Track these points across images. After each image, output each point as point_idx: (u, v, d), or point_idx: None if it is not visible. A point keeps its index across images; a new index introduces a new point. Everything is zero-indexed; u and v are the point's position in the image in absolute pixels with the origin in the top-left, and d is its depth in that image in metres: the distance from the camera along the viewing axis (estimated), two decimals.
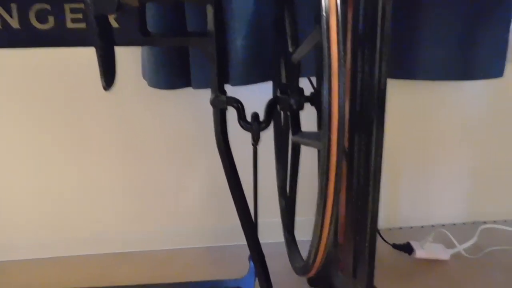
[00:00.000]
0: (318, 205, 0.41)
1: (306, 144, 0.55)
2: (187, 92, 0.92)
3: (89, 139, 0.98)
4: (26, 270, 0.99)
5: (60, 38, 0.55)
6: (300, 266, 0.54)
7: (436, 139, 1.11)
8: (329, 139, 0.38)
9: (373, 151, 0.51)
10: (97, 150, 0.99)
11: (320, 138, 0.41)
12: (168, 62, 0.83)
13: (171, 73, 0.84)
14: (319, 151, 0.64)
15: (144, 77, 0.90)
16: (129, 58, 0.92)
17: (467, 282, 0.92)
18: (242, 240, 1.05)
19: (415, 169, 1.13)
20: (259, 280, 0.65)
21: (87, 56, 0.91)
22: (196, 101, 0.97)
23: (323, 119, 0.38)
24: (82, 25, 0.53)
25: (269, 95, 0.81)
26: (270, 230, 0.88)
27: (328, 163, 0.39)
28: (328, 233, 0.42)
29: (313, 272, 0.48)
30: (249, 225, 0.63)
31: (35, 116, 0.95)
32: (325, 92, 0.37)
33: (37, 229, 1.04)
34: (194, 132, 1.00)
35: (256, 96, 0.73)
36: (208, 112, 0.97)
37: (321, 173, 0.39)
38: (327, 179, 0.39)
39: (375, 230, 0.53)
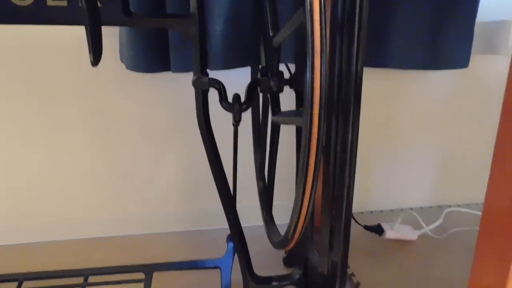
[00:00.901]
0: (299, 177, 0.43)
1: (288, 123, 0.57)
2: (165, 76, 0.93)
3: (63, 123, 0.97)
4: None
5: (39, 15, 0.54)
6: (279, 240, 0.56)
7: (404, 126, 1.16)
8: (311, 114, 0.40)
9: (349, 135, 0.53)
10: (72, 134, 0.98)
11: (301, 114, 0.43)
12: (147, 45, 0.83)
13: (150, 56, 0.84)
14: (298, 130, 0.66)
15: (122, 60, 0.90)
16: (106, 42, 0.91)
17: (433, 260, 0.97)
18: (219, 224, 1.08)
19: (384, 156, 1.18)
20: (239, 258, 0.67)
21: (64, 37, 0.90)
22: (174, 86, 0.98)
23: (305, 95, 0.41)
24: (63, 3, 0.52)
25: (247, 80, 0.83)
26: (247, 214, 0.90)
27: (310, 137, 0.41)
28: (308, 205, 0.45)
29: (292, 244, 0.50)
30: (230, 204, 0.64)
31: (8, 97, 0.93)
32: (308, 69, 0.39)
33: (8, 214, 1.01)
34: (171, 116, 1.00)
35: (233, 81, 0.74)
36: (185, 97, 0.99)
37: (303, 147, 0.42)
38: (309, 151, 0.41)
39: (350, 208, 0.56)
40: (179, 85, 0.96)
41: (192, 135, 1.02)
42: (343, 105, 0.52)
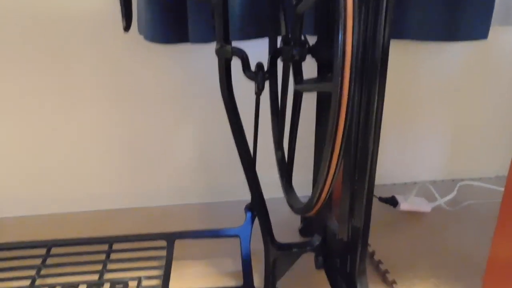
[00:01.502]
0: (328, 141, 0.44)
1: (313, 90, 0.57)
2: (182, 48, 0.93)
3: (80, 95, 0.97)
4: (18, 226, 1.00)
5: None
6: (303, 205, 0.57)
7: (419, 99, 1.15)
8: (342, 77, 0.41)
9: (375, 102, 0.54)
10: (89, 104, 0.98)
11: (329, 80, 0.43)
12: (166, 15, 0.83)
13: (168, 27, 0.84)
14: (319, 99, 0.67)
15: (139, 32, 0.90)
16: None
17: (447, 231, 0.99)
18: (236, 197, 1.10)
19: (398, 129, 1.18)
20: (260, 223, 0.69)
21: (83, 7, 0.90)
22: (190, 57, 0.98)
23: (335, 59, 0.41)
24: None
25: (263, 50, 0.83)
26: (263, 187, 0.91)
27: (340, 101, 0.41)
28: (336, 168, 0.46)
29: (317, 207, 0.51)
30: (252, 171, 0.66)
31: (24, 66, 0.93)
32: (340, 31, 0.39)
33: (23, 186, 1.03)
34: (188, 88, 1.01)
35: (251, 52, 0.74)
36: (204, 69, 0.99)
37: (333, 111, 0.42)
38: (338, 114, 0.42)
39: (374, 174, 0.57)
40: (196, 56, 0.97)
41: (209, 107, 1.03)
42: (369, 72, 0.52)
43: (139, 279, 0.74)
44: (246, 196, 1.10)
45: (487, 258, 0.47)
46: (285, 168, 0.73)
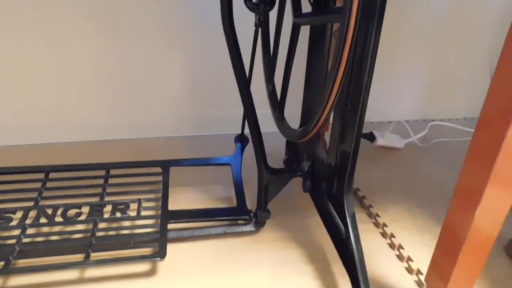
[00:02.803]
0: (332, 67, 0.48)
1: (318, 22, 0.60)
2: None
3: (70, 27, 0.96)
4: (13, 155, 1.01)
5: None
6: (297, 132, 0.62)
7: (399, 44, 1.20)
8: (351, 8, 0.44)
9: (373, 38, 0.57)
10: (80, 36, 0.97)
11: (338, 11, 0.47)
12: None
13: None
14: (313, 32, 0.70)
15: None
16: None
17: (418, 164, 1.09)
18: (223, 130, 1.14)
19: (378, 71, 1.23)
20: (254, 147, 0.73)
21: None
22: None
23: None
24: None
25: None
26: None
27: (347, 30, 0.45)
28: (336, 94, 0.50)
29: (314, 131, 0.57)
30: (249, 98, 0.70)
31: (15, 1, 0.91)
32: None
33: (13, 116, 1.04)
34: (177, 19, 1.00)
35: None
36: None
37: (339, 40, 0.46)
38: (344, 43, 0.46)
39: (366, 103, 0.62)
40: None
41: (198, 39, 1.03)
42: (369, 8, 0.56)
43: (139, 201, 0.79)
44: (233, 129, 1.15)
45: (455, 185, 0.54)
46: (277, 100, 0.77)
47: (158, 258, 0.67)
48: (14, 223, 0.73)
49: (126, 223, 0.77)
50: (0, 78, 0.98)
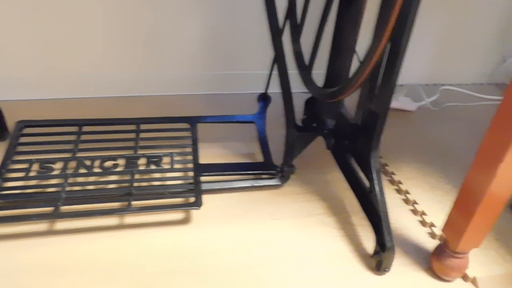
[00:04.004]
0: (377, 27, 0.51)
1: None
2: None
3: None
4: (29, 109, 1.03)
5: None
6: (332, 91, 0.66)
7: None
8: None
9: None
10: None
11: None
12: None
13: None
14: None
15: None
16: None
17: (429, 126, 1.13)
18: (244, 89, 1.17)
19: None
20: (285, 108, 0.77)
21: None
22: None
23: None
24: None
25: None
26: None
27: None
28: (378, 55, 0.54)
29: (352, 91, 0.60)
30: (282, 57, 0.72)
31: None
32: None
33: (47, 71, 1.05)
34: None
35: None
36: None
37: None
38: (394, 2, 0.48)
39: (399, 67, 0.65)
40: None
41: None
42: None
43: (171, 154, 0.83)
44: (250, 89, 1.18)
45: (477, 150, 0.57)
46: (303, 60, 0.80)
47: (196, 207, 0.72)
48: (55, 172, 0.77)
49: (161, 175, 0.81)
50: (35, 36, 0.99)
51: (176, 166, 0.82)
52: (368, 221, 0.74)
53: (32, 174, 0.76)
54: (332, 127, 0.83)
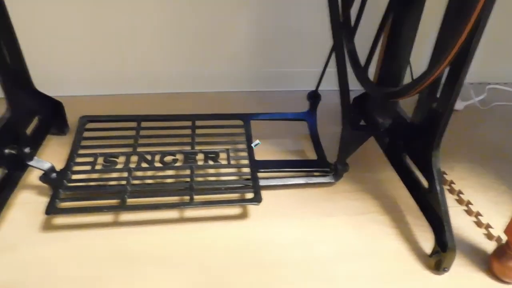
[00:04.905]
0: (456, 32, 0.51)
1: None
2: None
3: None
4: (86, 104, 1.07)
5: None
6: (396, 89, 0.66)
7: None
8: None
9: None
10: None
11: None
12: None
13: None
14: None
15: None
16: None
17: (477, 125, 1.12)
18: (292, 87, 1.18)
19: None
20: (342, 107, 0.78)
21: None
22: None
23: None
24: None
25: None
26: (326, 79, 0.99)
27: None
28: (453, 55, 0.54)
29: (421, 88, 0.60)
30: (342, 56, 0.73)
31: None
32: None
33: (89, 68, 1.08)
34: None
35: None
36: None
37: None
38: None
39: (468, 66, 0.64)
40: None
41: None
42: None
43: (227, 150, 0.86)
44: (301, 86, 1.18)
45: None
46: (357, 58, 0.81)
47: (256, 203, 0.74)
48: (119, 166, 0.80)
49: (219, 171, 0.83)
50: (94, 35, 1.03)
51: (233, 162, 0.84)
52: (426, 220, 0.74)
53: (97, 167, 0.79)
54: (388, 126, 0.83)
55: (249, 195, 0.77)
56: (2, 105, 0.77)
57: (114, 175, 0.79)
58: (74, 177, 0.77)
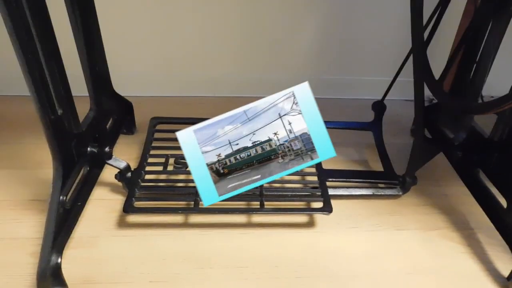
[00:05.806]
0: None
1: None
2: None
3: None
4: (153, 104, 1.09)
5: None
6: (481, 103, 0.64)
7: None
8: None
9: None
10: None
11: None
12: None
13: None
14: None
15: None
16: None
17: None
18: (356, 95, 1.16)
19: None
20: (415, 119, 0.76)
21: None
22: None
23: None
24: None
25: None
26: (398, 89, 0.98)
27: None
28: None
29: (502, 108, 0.58)
30: (424, 66, 0.71)
31: None
32: None
33: (157, 70, 1.11)
34: None
35: None
36: None
37: None
38: None
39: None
40: None
41: (329, 5, 1.04)
42: None
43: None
44: (365, 95, 1.16)
45: None
46: (431, 71, 0.79)
47: (326, 212, 0.73)
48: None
49: (287, 177, 0.83)
50: (164, 39, 1.05)
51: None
52: (504, 241, 0.71)
53: (169, 168, 0.81)
54: (462, 140, 0.81)
55: (317, 204, 0.76)
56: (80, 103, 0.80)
57: (181, 177, 0.81)
58: (147, 177, 0.79)
